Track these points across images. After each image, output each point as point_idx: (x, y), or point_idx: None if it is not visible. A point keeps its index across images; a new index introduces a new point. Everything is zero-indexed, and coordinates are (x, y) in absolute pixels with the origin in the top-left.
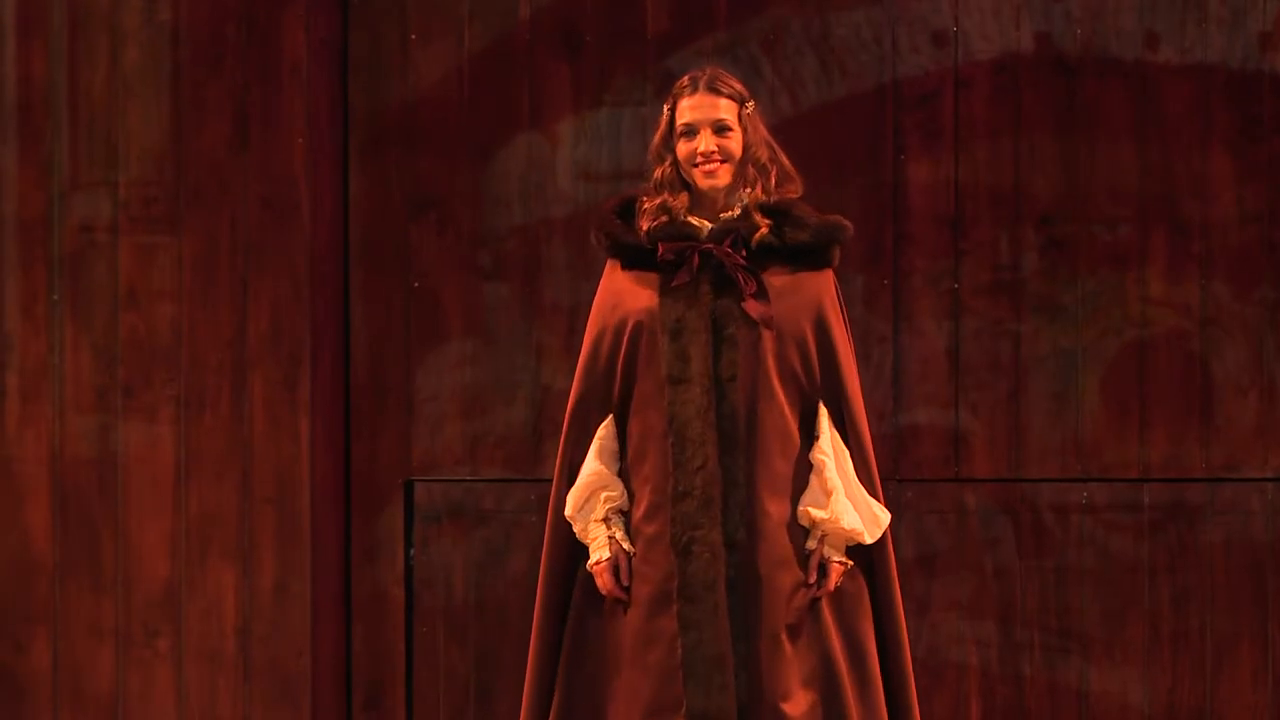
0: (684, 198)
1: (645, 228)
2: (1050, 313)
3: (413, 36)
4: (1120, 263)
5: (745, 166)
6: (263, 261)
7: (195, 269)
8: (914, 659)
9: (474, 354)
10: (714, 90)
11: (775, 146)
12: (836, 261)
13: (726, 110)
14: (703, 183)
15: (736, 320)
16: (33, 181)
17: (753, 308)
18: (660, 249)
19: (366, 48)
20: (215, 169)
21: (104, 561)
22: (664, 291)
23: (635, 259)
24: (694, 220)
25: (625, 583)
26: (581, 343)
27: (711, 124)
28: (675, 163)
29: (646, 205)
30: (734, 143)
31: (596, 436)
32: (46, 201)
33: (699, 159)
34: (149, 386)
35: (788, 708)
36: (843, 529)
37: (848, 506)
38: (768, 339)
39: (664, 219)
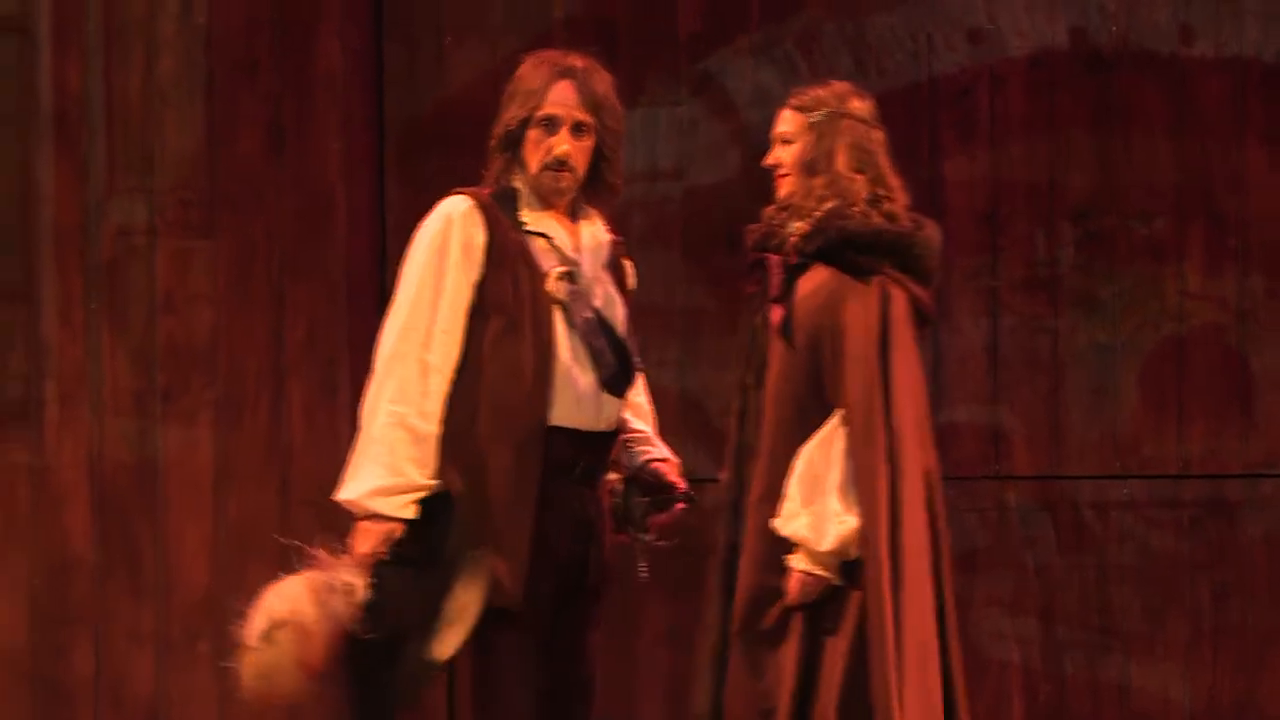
0: (783, 208)
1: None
2: (1088, 308)
3: (447, 41)
4: (1157, 257)
5: (810, 176)
6: (299, 268)
7: (232, 274)
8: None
9: None
10: (791, 105)
11: (855, 154)
12: (877, 268)
13: (790, 122)
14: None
15: (764, 327)
16: (69, 188)
17: (773, 313)
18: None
19: (401, 54)
20: (251, 176)
21: (144, 565)
22: (748, 300)
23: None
24: (788, 227)
25: None
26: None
27: (778, 138)
28: None
29: None
30: (790, 155)
31: None
32: (83, 208)
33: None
34: (187, 391)
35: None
36: (785, 534)
37: (791, 512)
38: (785, 345)
39: (761, 229)
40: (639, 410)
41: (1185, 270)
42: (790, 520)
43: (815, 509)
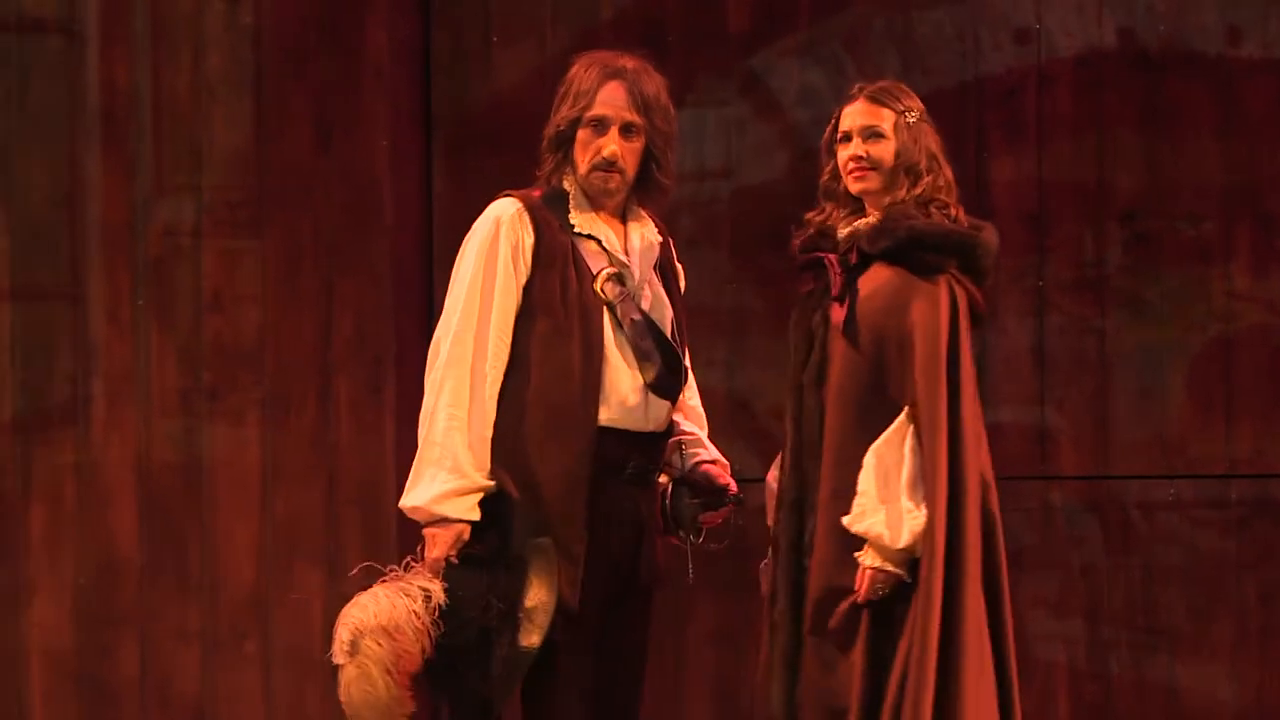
0: (827, 209)
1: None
2: (1135, 309)
3: (495, 38)
4: (1204, 258)
5: (897, 174)
6: (346, 264)
7: (279, 272)
8: None
9: None
10: (873, 99)
11: (938, 157)
12: (943, 267)
13: (879, 117)
14: (851, 188)
15: (824, 326)
16: (117, 186)
17: (835, 313)
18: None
19: (449, 50)
20: (298, 172)
21: (190, 565)
22: (799, 300)
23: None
24: (842, 226)
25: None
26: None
27: (862, 131)
28: (834, 170)
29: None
30: (882, 150)
31: None
32: (131, 206)
33: (850, 164)
34: (234, 390)
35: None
36: (856, 532)
37: (865, 509)
38: (849, 344)
39: (810, 230)
40: (691, 412)
41: (1232, 271)
42: (862, 517)
43: (889, 506)
